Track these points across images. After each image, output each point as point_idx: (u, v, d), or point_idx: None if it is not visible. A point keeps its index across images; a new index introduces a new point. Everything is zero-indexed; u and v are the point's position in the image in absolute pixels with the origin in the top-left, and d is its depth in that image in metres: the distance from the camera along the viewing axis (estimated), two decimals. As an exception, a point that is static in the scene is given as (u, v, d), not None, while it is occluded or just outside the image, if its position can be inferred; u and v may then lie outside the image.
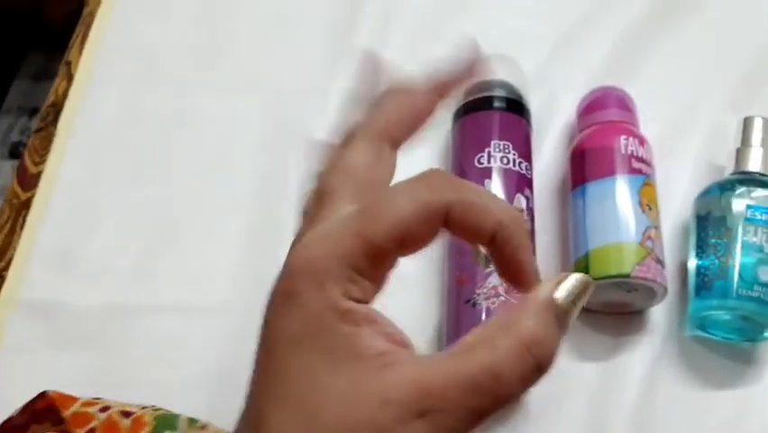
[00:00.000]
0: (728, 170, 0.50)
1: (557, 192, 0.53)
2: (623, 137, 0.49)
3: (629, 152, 0.48)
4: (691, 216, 0.49)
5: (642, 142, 0.49)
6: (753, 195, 0.47)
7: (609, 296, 0.47)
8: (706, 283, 0.46)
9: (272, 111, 0.56)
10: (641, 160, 0.49)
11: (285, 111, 0.56)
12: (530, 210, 0.48)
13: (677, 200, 0.52)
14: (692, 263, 0.48)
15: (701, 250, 0.47)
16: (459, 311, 0.44)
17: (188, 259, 0.51)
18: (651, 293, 0.46)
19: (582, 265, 0.46)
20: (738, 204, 0.47)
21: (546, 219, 0.52)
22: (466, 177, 0.48)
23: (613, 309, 0.48)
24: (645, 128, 0.54)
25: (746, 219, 0.46)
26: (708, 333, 0.47)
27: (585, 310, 0.49)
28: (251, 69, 0.58)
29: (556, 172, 0.53)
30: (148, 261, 0.51)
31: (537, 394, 0.46)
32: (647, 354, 0.48)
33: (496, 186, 0.47)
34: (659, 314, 0.49)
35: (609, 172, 0.48)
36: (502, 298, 0.43)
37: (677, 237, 0.51)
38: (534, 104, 0.54)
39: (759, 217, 0.46)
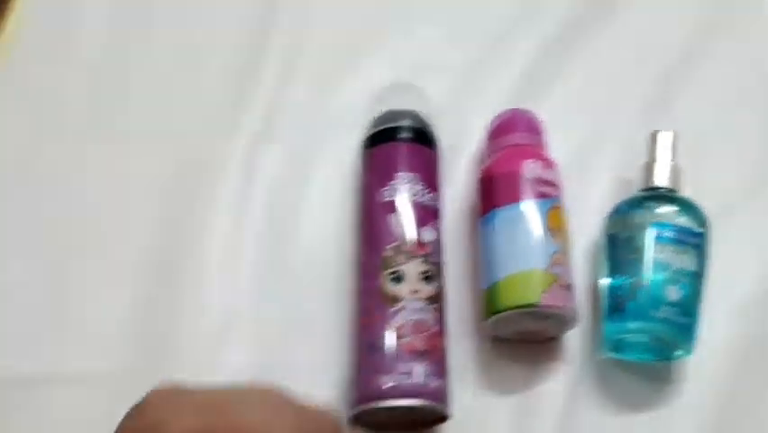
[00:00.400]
0: (637, 186, 0.50)
1: (470, 219, 0.52)
2: (528, 161, 0.48)
3: (535, 175, 0.48)
4: (602, 236, 0.49)
5: (548, 164, 0.49)
6: (659, 211, 0.47)
7: (522, 325, 0.46)
8: (617, 305, 0.45)
9: (176, 157, 0.55)
10: (547, 183, 0.48)
11: (189, 157, 0.55)
12: (438, 243, 0.47)
13: (591, 219, 0.51)
14: (604, 284, 0.47)
15: (612, 270, 0.47)
16: (364, 356, 0.43)
17: (75, 324, 0.49)
18: (562, 319, 0.45)
19: (490, 296, 0.46)
20: (645, 222, 0.46)
21: (460, 248, 0.51)
22: (370, 213, 0.47)
23: (527, 338, 0.48)
24: (558, 147, 0.54)
25: (653, 238, 0.45)
26: (624, 355, 0.47)
27: (499, 340, 0.48)
28: (154, 114, 0.57)
29: (469, 199, 0.53)
30: (33, 327, 0.48)
31: (456, 425, 0.45)
32: (565, 381, 0.47)
33: (399, 220, 0.46)
34: (575, 338, 0.48)
35: (515, 198, 0.47)
36: (407, 339, 0.42)
37: (593, 257, 0.51)
38: (445, 131, 0.53)
39: (666, 235, 0.45)
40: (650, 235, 0.46)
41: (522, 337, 0.47)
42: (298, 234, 0.52)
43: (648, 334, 0.44)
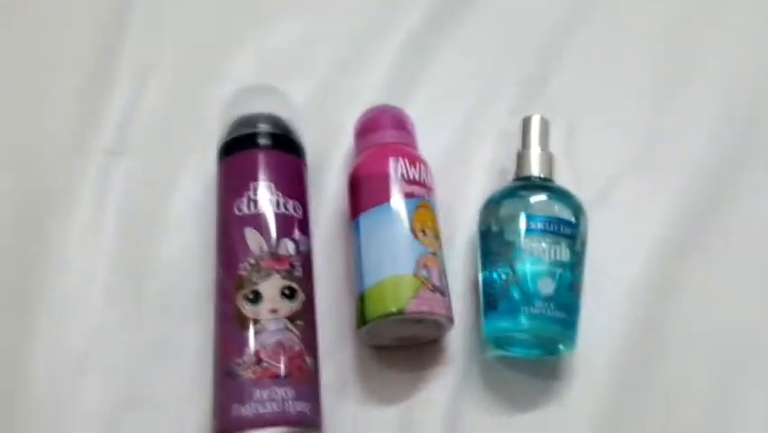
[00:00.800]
0: (511, 177, 0.48)
1: (343, 226, 0.50)
2: (392, 159, 0.46)
3: (400, 175, 0.45)
4: (477, 230, 0.47)
5: (414, 161, 0.46)
6: (531, 202, 0.45)
7: (397, 331, 0.43)
8: (490, 303, 0.43)
9: (22, 186, 0.51)
10: (413, 182, 0.45)
11: (37, 185, 0.51)
12: (302, 254, 0.44)
13: (470, 213, 0.49)
14: (480, 281, 0.45)
15: (485, 266, 0.45)
16: (221, 383, 0.40)
17: None
18: (435, 324, 0.43)
19: (360, 305, 0.43)
20: (515, 214, 0.44)
21: (334, 256, 0.48)
22: (225, 228, 0.44)
23: (407, 343, 0.45)
24: (433, 142, 0.52)
25: (523, 230, 0.43)
26: (507, 351, 0.45)
27: (377, 348, 0.45)
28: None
29: (342, 204, 0.50)
30: None
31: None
32: (449, 384, 0.45)
33: (254, 235, 0.42)
34: (459, 338, 0.46)
35: (379, 200, 0.45)
36: (264, 364, 0.39)
37: (472, 253, 0.48)
38: (314, 134, 0.50)
39: (536, 227, 0.43)
40: (520, 227, 0.44)
41: (402, 343, 0.45)
42: (159, 256, 0.48)
43: (524, 332, 0.42)
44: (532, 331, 0.42)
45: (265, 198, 0.44)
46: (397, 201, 0.44)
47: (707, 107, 0.54)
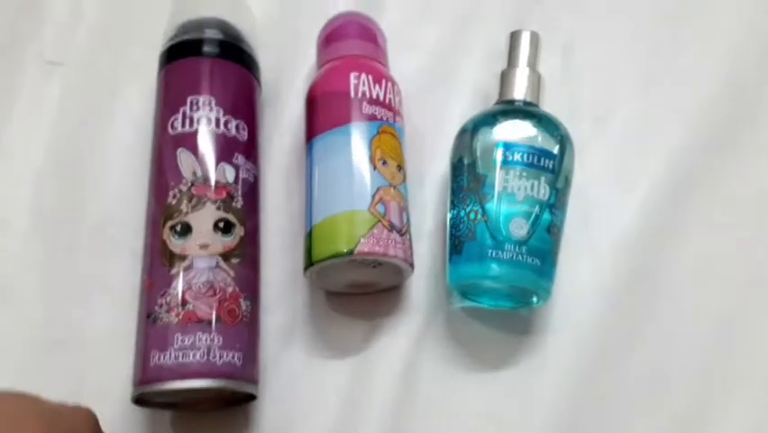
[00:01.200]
0: (493, 100, 0.42)
1: (303, 154, 0.43)
2: (353, 75, 0.39)
3: (361, 93, 0.39)
4: (449, 163, 0.41)
5: (380, 79, 0.40)
6: (509, 129, 0.38)
7: (352, 275, 0.38)
8: (456, 246, 0.38)
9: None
10: (377, 102, 0.39)
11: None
12: (245, 183, 0.38)
13: (447, 144, 0.42)
14: (447, 221, 0.40)
15: (453, 204, 0.39)
16: (143, 327, 0.35)
17: None
18: (392, 268, 0.38)
19: (308, 244, 0.38)
20: (490, 143, 0.38)
21: (291, 188, 0.43)
22: (158, 150, 0.38)
23: (364, 289, 0.40)
24: (408, 59, 0.45)
25: (499, 162, 0.37)
26: (474, 302, 0.40)
27: (332, 294, 0.41)
28: None
29: (302, 129, 0.44)
30: None
31: (283, 397, 0.38)
32: (408, 334, 0.40)
33: (188, 157, 0.37)
34: (421, 285, 0.41)
35: (336, 122, 0.39)
36: (190, 306, 0.34)
37: (445, 190, 0.42)
38: (275, 49, 0.45)
39: (514, 158, 0.37)
40: (495, 158, 0.37)
41: (358, 290, 0.40)
42: (94, 179, 0.43)
43: (493, 280, 0.37)
44: (500, 279, 0.36)
45: (203, 114, 0.38)
46: (357, 124, 0.38)
47: (719, 37, 0.46)
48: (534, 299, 0.38)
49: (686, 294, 0.41)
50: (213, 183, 0.37)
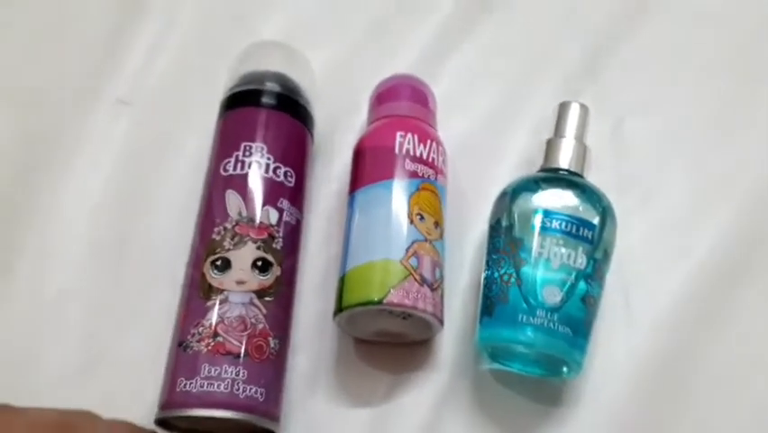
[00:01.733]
0: (537, 168, 0.42)
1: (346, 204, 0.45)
2: (399, 133, 0.41)
3: (404, 151, 0.40)
4: (488, 224, 0.41)
5: (425, 138, 0.41)
6: (550, 196, 0.39)
7: (381, 324, 0.39)
8: (488, 307, 0.38)
9: (32, 127, 0.48)
10: (420, 160, 0.40)
11: (43, 127, 0.48)
12: (287, 226, 0.39)
13: (488, 206, 0.42)
14: (481, 282, 0.40)
15: (488, 265, 0.39)
16: (174, 354, 0.36)
17: None
18: (421, 321, 0.38)
19: (340, 289, 0.38)
20: (529, 208, 0.38)
21: (333, 235, 0.44)
22: (209, 189, 0.40)
23: (393, 339, 0.40)
24: (458, 123, 0.47)
25: (537, 228, 0.38)
26: (505, 365, 0.39)
27: (360, 342, 0.41)
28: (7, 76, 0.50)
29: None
30: None
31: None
32: (433, 392, 0.40)
33: (235, 198, 0.39)
34: (451, 343, 0.41)
35: (378, 176, 0.40)
36: (220, 339, 0.35)
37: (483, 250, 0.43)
38: (332, 106, 0.47)
39: (552, 226, 0.37)
40: (533, 223, 0.38)
41: (387, 339, 0.40)
42: (149, 214, 0.45)
43: (520, 344, 0.36)
44: (529, 344, 0.36)
45: (254, 159, 0.40)
46: (399, 180, 0.39)
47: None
48: (565, 369, 0.37)
49: (725, 380, 0.39)
50: (256, 223, 0.38)
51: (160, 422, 0.35)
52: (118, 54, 0.50)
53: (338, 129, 0.47)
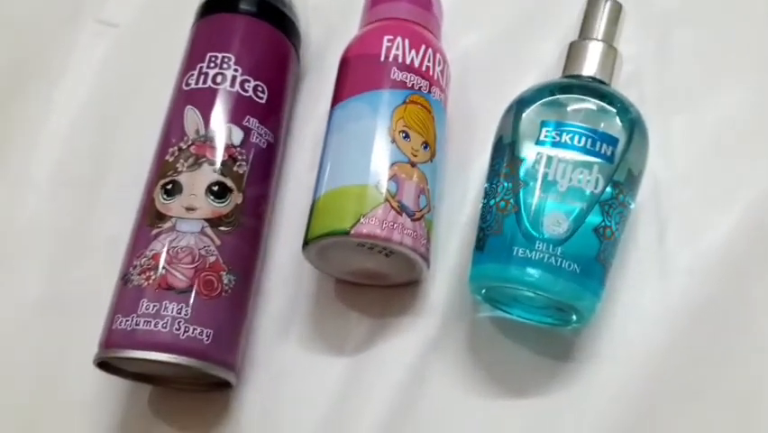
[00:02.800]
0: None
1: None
2: (387, 38, 0.34)
3: (392, 58, 0.34)
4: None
5: (419, 43, 0.34)
6: (567, 107, 0.31)
7: (359, 261, 0.33)
8: (481, 241, 0.31)
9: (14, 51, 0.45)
10: (410, 68, 0.34)
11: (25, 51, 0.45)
12: (255, 147, 0.34)
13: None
14: (479, 215, 0.33)
15: (485, 195, 0.32)
16: (116, 289, 0.32)
17: None
18: (406, 258, 0.32)
19: (309, 220, 0.33)
20: (536, 121, 0.31)
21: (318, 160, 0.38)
22: (172, 103, 0.35)
23: (379, 281, 0.35)
24: (477, 34, 0.40)
25: (539, 142, 0.31)
26: (504, 311, 0.33)
27: (342, 283, 0.35)
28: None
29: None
30: None
31: (268, 390, 0.34)
32: (420, 340, 0.34)
33: (195, 113, 0.33)
34: (445, 285, 0.35)
35: (359, 89, 0.34)
36: (162, 271, 0.31)
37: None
38: (330, 15, 0.42)
39: (562, 140, 0.30)
40: (537, 138, 0.31)
41: (372, 280, 0.35)
42: (124, 143, 0.41)
43: (513, 282, 0.30)
44: (524, 282, 0.29)
45: (219, 72, 0.35)
46: (381, 90, 0.33)
47: None
48: (574, 316, 0.31)
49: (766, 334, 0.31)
50: (215, 143, 0.33)
51: (102, 364, 0.31)
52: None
53: (331, 44, 0.41)
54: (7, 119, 0.42)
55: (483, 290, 0.32)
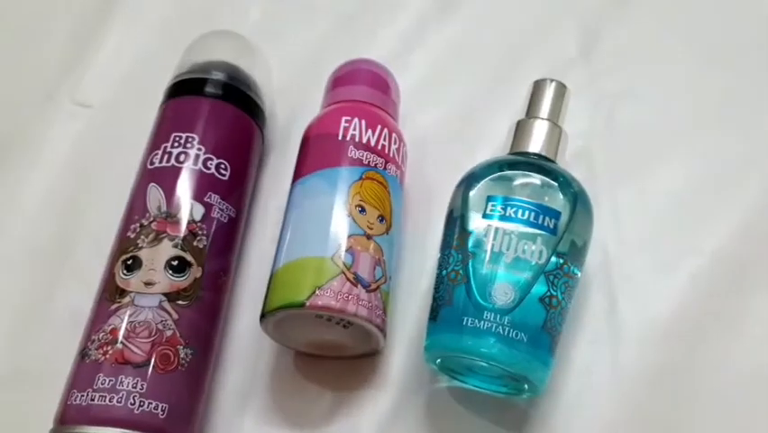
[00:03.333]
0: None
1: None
2: (345, 119, 0.36)
3: (349, 137, 0.36)
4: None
5: (374, 124, 0.36)
6: (512, 182, 0.33)
7: (318, 333, 0.33)
8: (434, 311, 0.32)
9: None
10: (366, 147, 0.35)
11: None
12: (216, 223, 0.35)
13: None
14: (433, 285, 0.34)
15: (438, 266, 0.33)
16: (74, 365, 0.32)
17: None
18: (363, 331, 0.33)
19: (267, 292, 0.34)
20: (483, 196, 0.33)
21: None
22: (136, 182, 0.37)
23: (337, 353, 0.35)
24: (433, 110, 0.43)
25: (486, 215, 0.32)
26: (461, 381, 0.33)
27: (302, 356, 0.36)
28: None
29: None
30: None
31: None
32: (380, 414, 0.34)
33: (157, 190, 0.35)
34: (403, 356, 0.35)
35: (318, 166, 0.35)
36: (119, 346, 0.31)
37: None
38: (295, 96, 0.44)
39: (507, 214, 0.31)
40: (484, 212, 0.32)
41: (331, 354, 0.35)
42: (91, 222, 0.41)
43: (462, 352, 0.30)
44: (472, 352, 0.30)
45: (182, 151, 0.36)
46: (339, 168, 0.34)
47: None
48: (526, 386, 0.31)
49: (725, 405, 0.32)
50: (176, 219, 0.34)
51: (53, 441, 0.31)
52: (82, 55, 0.48)
53: (295, 123, 0.43)
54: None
55: (438, 360, 0.32)
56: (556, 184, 0.33)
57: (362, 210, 0.34)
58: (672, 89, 0.42)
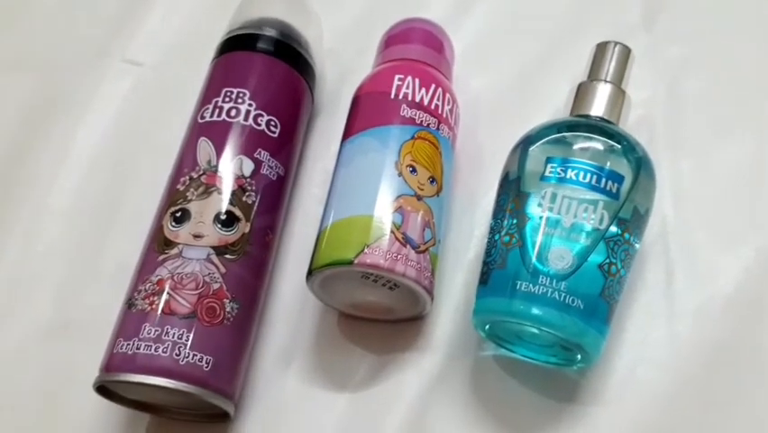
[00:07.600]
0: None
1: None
2: (398, 77, 0.35)
3: (402, 95, 0.35)
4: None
5: (428, 82, 0.35)
6: (573, 145, 0.32)
7: (363, 294, 0.33)
8: (485, 275, 0.31)
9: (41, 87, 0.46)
10: (419, 106, 0.34)
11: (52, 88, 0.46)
12: (265, 179, 0.34)
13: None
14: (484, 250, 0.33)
15: (491, 230, 0.32)
16: (121, 314, 0.32)
17: None
18: (410, 291, 0.32)
19: (315, 248, 0.33)
20: (541, 158, 0.31)
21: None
22: (187, 137, 0.36)
23: (381, 315, 0.35)
24: (489, 77, 0.41)
25: (544, 178, 0.31)
26: (508, 349, 0.32)
27: (345, 317, 0.35)
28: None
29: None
30: None
31: (266, 423, 0.33)
32: (423, 379, 0.33)
33: (208, 144, 0.34)
34: (449, 321, 0.34)
35: (369, 124, 0.34)
36: (166, 297, 0.31)
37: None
38: (349, 58, 0.43)
39: (567, 176, 0.30)
40: (542, 174, 0.31)
41: (377, 316, 0.34)
42: (141, 177, 0.42)
43: (516, 317, 0.29)
44: (528, 318, 0.29)
45: (233, 106, 0.36)
46: (390, 126, 0.34)
47: None
48: (579, 355, 0.30)
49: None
50: (226, 174, 0.34)
51: (103, 390, 0.31)
52: (131, 14, 0.48)
53: (346, 85, 0.42)
54: (32, 152, 0.44)
55: (487, 326, 0.31)
56: (620, 147, 0.31)
57: (413, 170, 0.33)
58: (738, 59, 0.40)
